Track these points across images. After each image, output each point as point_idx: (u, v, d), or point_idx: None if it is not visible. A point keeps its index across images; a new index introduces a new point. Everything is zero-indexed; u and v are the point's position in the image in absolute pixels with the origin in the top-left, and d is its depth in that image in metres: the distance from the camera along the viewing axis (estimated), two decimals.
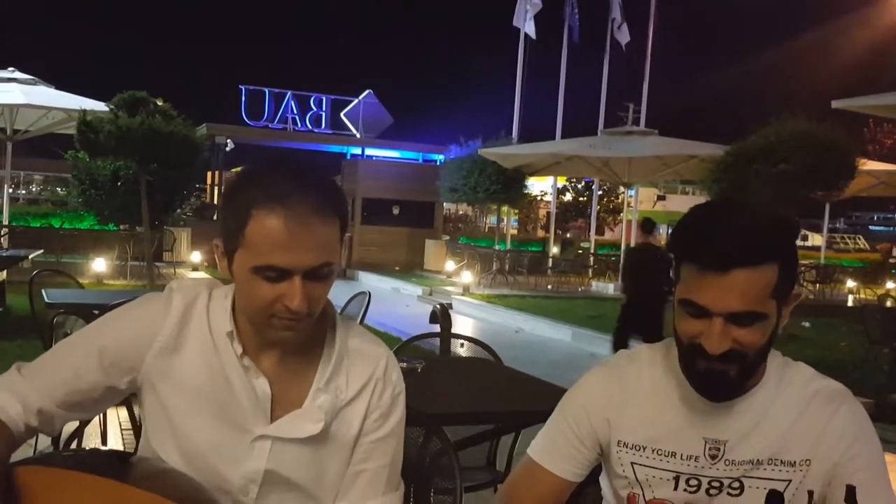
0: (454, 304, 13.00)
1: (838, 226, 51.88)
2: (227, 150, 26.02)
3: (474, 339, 4.07)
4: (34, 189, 37.62)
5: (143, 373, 1.29)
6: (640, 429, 1.41)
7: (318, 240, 1.18)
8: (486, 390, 3.24)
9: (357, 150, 26.71)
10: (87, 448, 2.89)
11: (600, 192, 28.88)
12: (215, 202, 24.66)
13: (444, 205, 23.04)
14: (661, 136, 15.36)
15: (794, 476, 1.35)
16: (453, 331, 4.51)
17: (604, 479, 1.52)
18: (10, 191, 17.73)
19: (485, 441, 3.21)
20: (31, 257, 9.78)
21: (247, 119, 25.84)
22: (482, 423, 3.07)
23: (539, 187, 29.67)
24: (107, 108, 12.60)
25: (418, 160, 26.31)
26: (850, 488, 0.91)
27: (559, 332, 10.82)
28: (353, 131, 26.52)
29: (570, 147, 15.61)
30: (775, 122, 11.06)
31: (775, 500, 0.93)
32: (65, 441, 3.25)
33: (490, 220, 30.32)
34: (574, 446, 1.45)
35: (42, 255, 11.17)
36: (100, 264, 13.20)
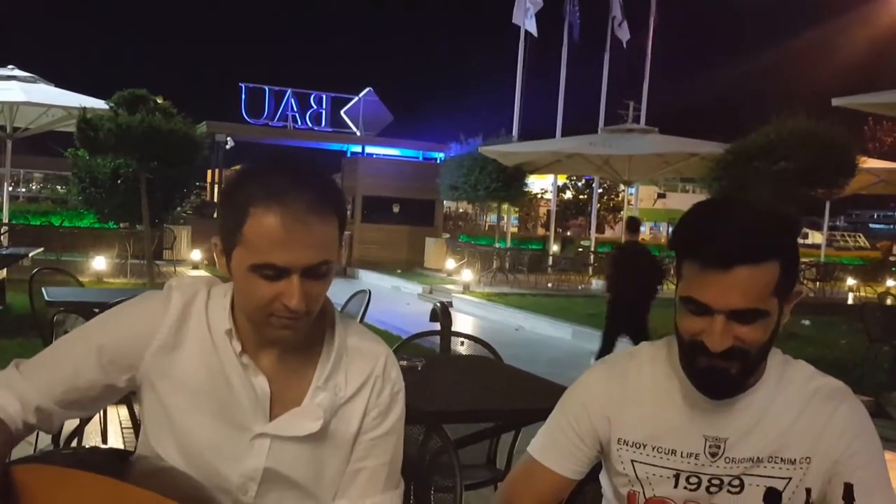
0: (454, 302, 13.01)
1: (838, 224, 51.91)
2: (227, 147, 26.03)
3: (474, 338, 4.07)
4: (34, 187, 37.67)
5: (142, 371, 1.28)
6: (641, 426, 1.41)
7: (316, 238, 1.18)
8: (486, 388, 3.24)
9: (357, 148, 26.72)
10: (87, 446, 2.89)
11: (600, 190, 28.89)
12: (215, 200, 24.61)
13: (445, 203, 23.05)
14: (661, 133, 15.35)
15: (795, 474, 1.35)
16: (453, 329, 4.51)
17: (604, 477, 1.52)
18: (10, 189, 17.71)
19: (485, 439, 3.21)
20: (31, 255, 9.77)
21: (247, 117, 25.85)
22: (482, 421, 3.07)
23: (539, 185, 29.71)
24: (107, 106, 12.62)
25: (418, 158, 26.30)
26: (848, 486, 0.91)
27: (559, 331, 10.82)
28: (354, 129, 26.52)
29: (571, 145, 15.61)
30: (775, 120, 11.04)
31: (773, 497, 0.93)
32: (65, 439, 3.25)
33: (490, 218, 30.37)
34: (574, 444, 1.46)
35: (42, 254, 11.16)
36: (100, 262, 13.18)
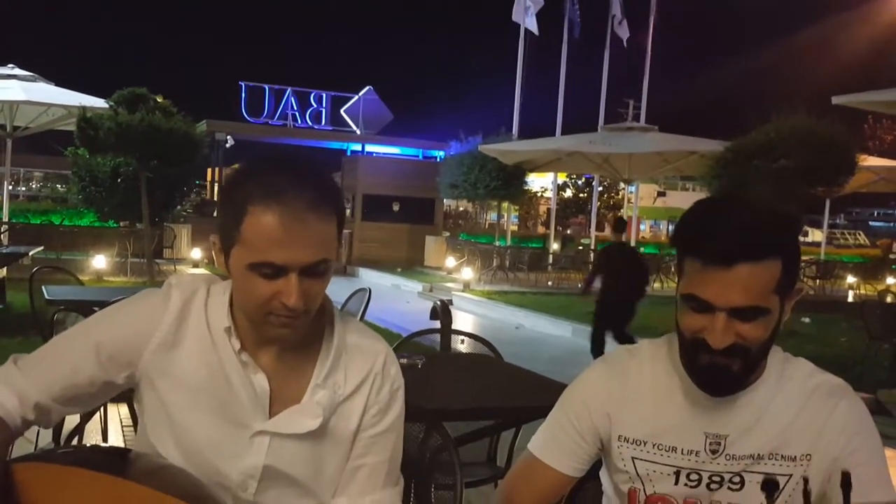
0: (454, 300, 13.00)
1: (838, 221, 51.88)
2: (227, 146, 25.99)
3: (475, 336, 4.08)
4: (34, 186, 37.65)
5: (141, 368, 1.28)
6: (641, 424, 1.41)
7: (315, 236, 1.18)
8: (486, 386, 3.24)
9: (357, 147, 26.68)
10: (88, 445, 2.89)
11: (600, 189, 28.89)
12: (215, 199, 24.62)
13: (445, 201, 23.03)
14: (661, 132, 15.35)
15: (795, 471, 1.35)
16: (454, 327, 4.51)
17: (604, 474, 1.52)
18: (10, 187, 17.70)
19: (485, 437, 3.21)
20: (31, 254, 9.79)
21: (247, 115, 25.82)
22: (483, 419, 3.07)
23: (539, 184, 29.69)
24: (106, 105, 12.62)
25: (418, 156, 26.28)
26: (846, 474, 0.91)
27: (560, 329, 10.81)
28: (354, 128, 26.48)
29: (571, 143, 15.60)
30: (775, 118, 11.03)
31: (771, 487, 0.93)
32: (66, 438, 3.25)
33: (490, 216, 30.36)
34: (575, 441, 1.46)
35: (42, 252, 11.16)
36: (100, 261, 13.17)
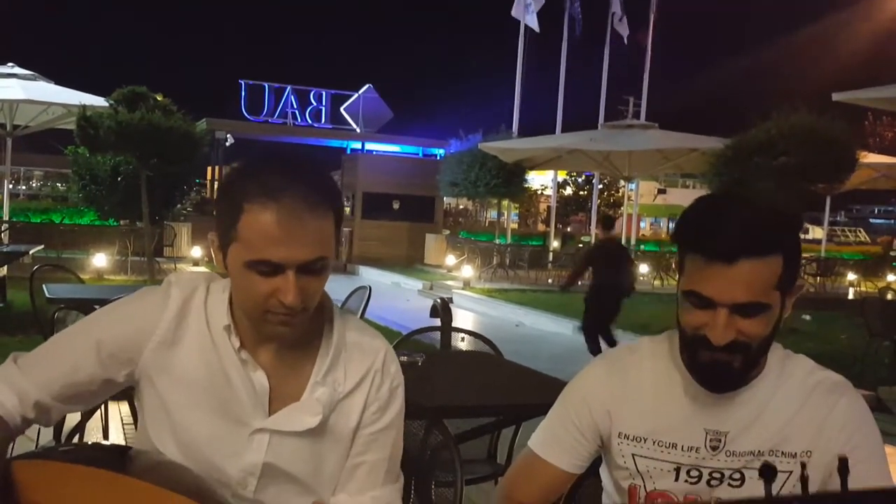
0: (455, 298, 13.00)
1: (839, 219, 51.83)
2: (227, 145, 25.99)
3: (475, 333, 4.08)
4: (34, 185, 37.64)
5: (141, 366, 1.28)
6: (641, 421, 1.41)
7: (312, 234, 1.18)
8: (486, 384, 3.24)
9: (357, 145, 26.66)
10: (89, 442, 2.89)
11: (601, 186, 28.85)
12: (215, 197, 24.58)
13: (445, 199, 23.02)
14: (661, 129, 15.34)
15: (796, 467, 1.35)
16: (454, 325, 4.52)
17: (604, 471, 1.52)
18: (10, 186, 17.71)
19: (486, 434, 3.22)
20: (31, 253, 9.79)
21: (246, 114, 25.82)
22: (483, 416, 3.07)
23: (539, 181, 29.66)
24: (106, 104, 12.60)
25: (418, 155, 26.27)
26: (843, 459, 0.90)
27: (560, 326, 10.81)
28: (353, 126, 26.47)
29: (571, 141, 15.60)
30: (776, 115, 11.02)
31: (769, 472, 0.93)
32: (66, 435, 3.25)
33: (490, 214, 30.35)
34: (575, 438, 1.46)
35: (42, 251, 11.14)
36: (100, 259, 13.18)
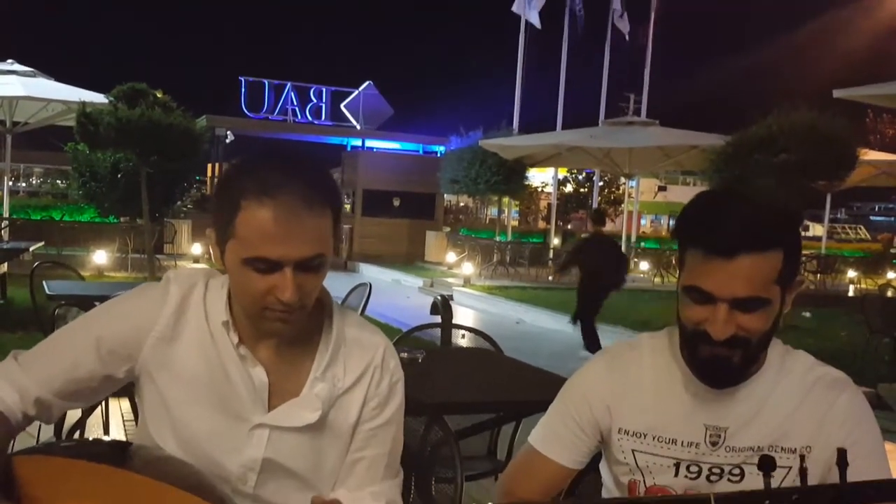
0: (455, 295, 12.99)
1: (839, 216, 51.83)
2: (228, 141, 25.95)
3: (475, 330, 4.08)
4: (34, 181, 37.64)
5: (141, 362, 1.29)
6: (641, 416, 1.41)
7: (309, 232, 1.17)
8: (486, 380, 3.25)
9: (357, 142, 26.63)
10: (90, 438, 2.89)
11: (601, 184, 28.84)
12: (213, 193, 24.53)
13: (445, 196, 23.01)
14: (662, 126, 15.33)
15: (795, 463, 1.35)
16: (454, 322, 4.52)
17: (604, 466, 1.52)
18: (10, 183, 17.72)
19: (486, 430, 3.22)
20: (31, 250, 9.79)
21: (247, 111, 25.76)
22: (483, 413, 3.08)
23: (540, 178, 29.68)
24: (106, 100, 12.59)
25: (419, 152, 26.24)
26: (841, 451, 0.91)
27: (560, 324, 10.78)
28: (354, 123, 26.43)
29: (571, 138, 15.58)
30: (776, 112, 11.02)
31: (768, 464, 0.93)
32: (67, 432, 3.25)
33: (491, 211, 30.30)
34: (575, 434, 1.46)
35: (43, 248, 11.15)
36: (100, 256, 13.18)
